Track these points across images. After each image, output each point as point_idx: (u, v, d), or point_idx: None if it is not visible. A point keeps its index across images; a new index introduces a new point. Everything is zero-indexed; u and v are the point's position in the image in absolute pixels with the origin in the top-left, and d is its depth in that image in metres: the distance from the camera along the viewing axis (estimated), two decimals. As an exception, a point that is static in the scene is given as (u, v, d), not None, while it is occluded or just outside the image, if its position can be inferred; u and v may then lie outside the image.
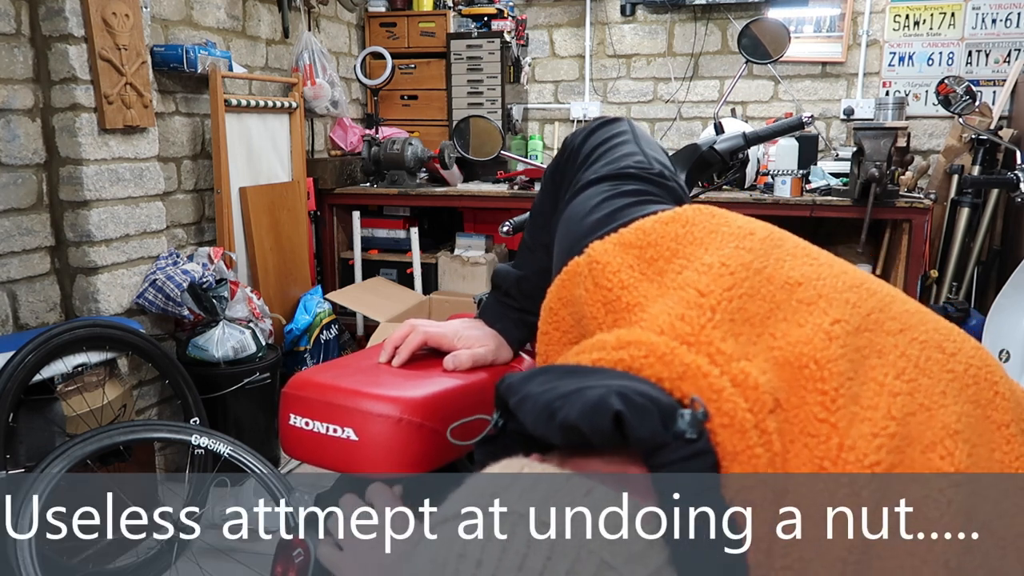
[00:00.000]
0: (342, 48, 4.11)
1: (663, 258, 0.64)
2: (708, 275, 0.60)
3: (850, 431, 0.51)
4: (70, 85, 2.28)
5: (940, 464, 0.51)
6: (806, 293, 0.59)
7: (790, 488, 0.50)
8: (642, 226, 0.67)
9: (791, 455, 0.51)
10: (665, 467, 0.49)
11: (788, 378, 0.53)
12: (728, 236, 0.64)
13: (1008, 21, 3.83)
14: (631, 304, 0.62)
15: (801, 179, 3.21)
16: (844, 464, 0.50)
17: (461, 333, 0.98)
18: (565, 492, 0.48)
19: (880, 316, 0.58)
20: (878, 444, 0.50)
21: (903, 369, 0.55)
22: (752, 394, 0.51)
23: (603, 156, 0.85)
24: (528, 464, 0.51)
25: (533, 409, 0.53)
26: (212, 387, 2.56)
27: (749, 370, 0.53)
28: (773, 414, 0.51)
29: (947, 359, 0.57)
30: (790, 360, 0.54)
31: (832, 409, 0.52)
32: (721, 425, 0.50)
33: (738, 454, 0.50)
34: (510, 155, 1.84)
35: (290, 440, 0.88)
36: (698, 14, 4.22)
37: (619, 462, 0.52)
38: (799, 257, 0.63)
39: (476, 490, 0.50)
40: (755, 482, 0.49)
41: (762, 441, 0.50)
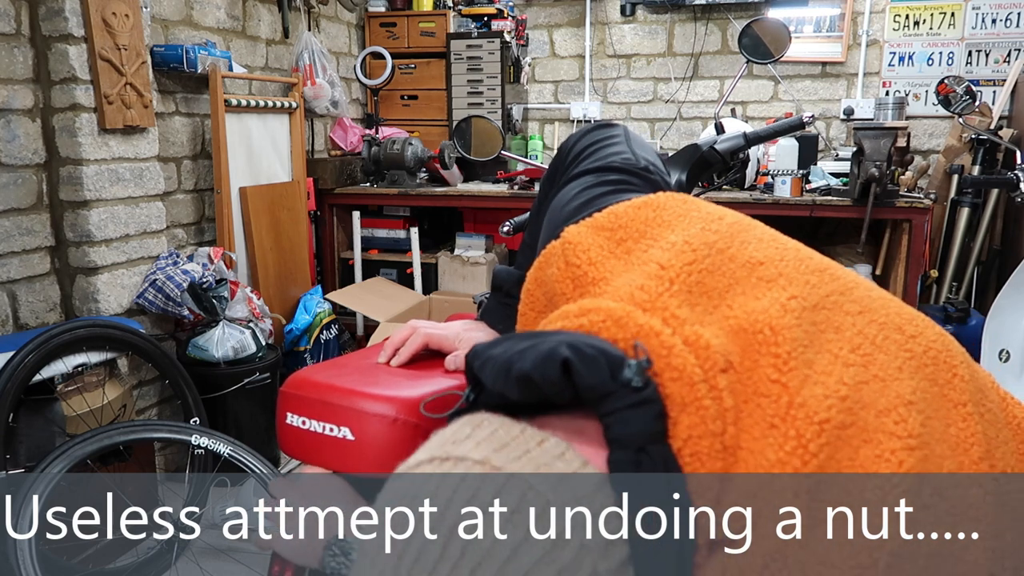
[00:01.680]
0: (342, 48, 4.11)
1: (631, 239, 0.67)
2: (671, 251, 0.62)
3: (801, 391, 0.52)
4: (70, 85, 2.29)
5: (893, 429, 0.51)
6: (767, 272, 0.60)
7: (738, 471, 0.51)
8: (615, 210, 0.70)
9: (743, 415, 0.52)
10: (612, 415, 0.50)
11: (742, 343, 0.54)
12: (697, 219, 0.66)
13: (1008, 21, 3.83)
14: (596, 279, 0.65)
15: (801, 179, 3.21)
16: (792, 420, 0.51)
17: (463, 335, 0.98)
18: (519, 441, 0.50)
19: (840, 298, 0.59)
20: (828, 404, 0.51)
21: (859, 345, 0.56)
22: (703, 353, 0.53)
23: (593, 155, 0.87)
24: (488, 417, 0.53)
25: (493, 368, 0.55)
26: (212, 387, 2.56)
27: (701, 332, 0.54)
28: (724, 373, 0.52)
29: (906, 340, 0.58)
30: (744, 327, 0.55)
31: (784, 371, 0.52)
32: (670, 379, 0.51)
33: (686, 405, 0.51)
34: (510, 155, 1.84)
35: (287, 439, 0.88)
36: (698, 14, 4.22)
37: (576, 420, 0.54)
38: (765, 241, 0.64)
39: (436, 440, 0.52)
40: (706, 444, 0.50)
41: (711, 395, 0.51)
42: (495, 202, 3.62)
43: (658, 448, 0.50)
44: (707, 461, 0.50)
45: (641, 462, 0.49)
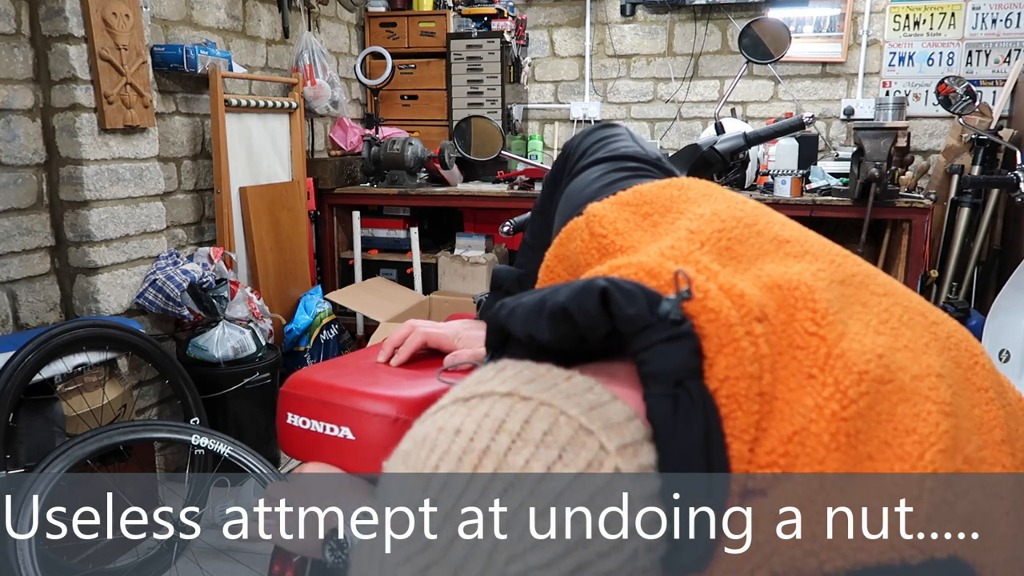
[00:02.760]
0: (342, 48, 4.11)
1: (657, 213, 0.67)
2: (699, 220, 0.62)
3: (840, 343, 0.51)
4: (70, 85, 2.29)
5: (928, 393, 0.51)
6: (794, 248, 0.60)
7: (778, 391, 0.50)
8: (639, 189, 0.70)
9: (779, 366, 0.51)
10: (649, 349, 0.50)
11: (777, 298, 0.54)
12: (722, 198, 0.67)
13: (1008, 21, 3.83)
14: (624, 247, 0.64)
15: (801, 179, 3.21)
16: (832, 369, 0.50)
17: (462, 333, 0.98)
18: (547, 377, 0.50)
19: (865, 279, 0.59)
20: (867, 359, 0.51)
21: (886, 319, 0.56)
22: (739, 300, 0.52)
23: (601, 148, 0.87)
24: (510, 361, 0.52)
25: (524, 311, 0.54)
26: (212, 387, 2.56)
27: (736, 282, 0.53)
28: (760, 323, 0.51)
29: (930, 324, 0.58)
30: (779, 284, 0.55)
31: (822, 324, 0.52)
32: (707, 320, 0.51)
33: (723, 346, 0.50)
34: (510, 155, 1.84)
35: (288, 439, 0.88)
36: (698, 14, 4.22)
37: (605, 366, 0.53)
38: (789, 225, 0.65)
39: (457, 386, 0.51)
40: (740, 373, 0.49)
41: (748, 338, 0.50)
42: (495, 202, 3.62)
43: (696, 384, 0.49)
44: (744, 403, 0.49)
45: (679, 396, 0.48)
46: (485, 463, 0.45)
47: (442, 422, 0.48)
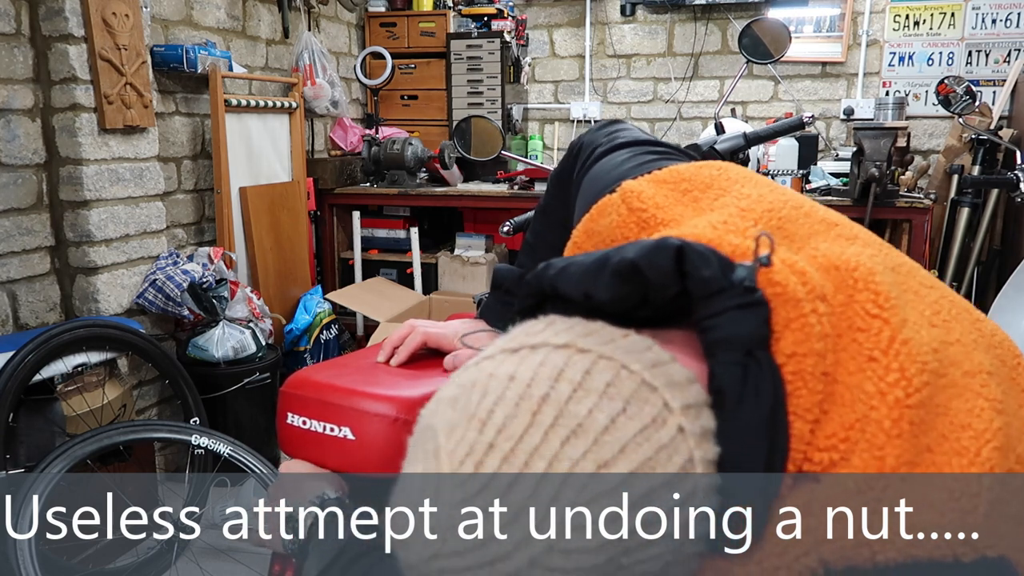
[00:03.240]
0: (342, 48, 4.11)
1: (697, 190, 0.65)
2: (747, 200, 0.60)
3: (903, 330, 0.50)
4: (70, 85, 2.28)
5: (980, 390, 0.50)
6: (844, 231, 0.59)
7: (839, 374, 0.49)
8: (675, 168, 0.68)
9: (839, 348, 0.50)
10: (720, 315, 0.48)
11: (835, 280, 0.52)
12: (763, 182, 0.65)
13: (1008, 21, 3.83)
14: (667, 220, 0.62)
15: (801, 179, 3.21)
16: (895, 355, 0.49)
17: (461, 333, 0.98)
18: (602, 332, 0.48)
19: (912, 269, 0.59)
20: (926, 349, 0.49)
21: (937, 311, 0.55)
22: (802, 277, 0.50)
23: (617, 139, 0.85)
24: (558, 316, 0.50)
25: (579, 269, 0.51)
26: (212, 387, 2.56)
27: (796, 259, 0.52)
28: (822, 301, 0.50)
29: (975, 320, 0.57)
30: (837, 265, 0.53)
31: (885, 307, 0.50)
32: (775, 293, 0.49)
33: (791, 321, 0.49)
34: (510, 155, 1.84)
35: (288, 439, 0.88)
36: (698, 14, 4.22)
37: (660, 331, 0.51)
38: (832, 211, 0.64)
39: (503, 338, 0.49)
40: (806, 349, 0.48)
41: (815, 315, 0.49)
42: (495, 202, 3.62)
43: (765, 355, 0.48)
44: (810, 382, 0.48)
45: (748, 366, 0.47)
46: (545, 409, 0.43)
47: (491, 368, 0.46)
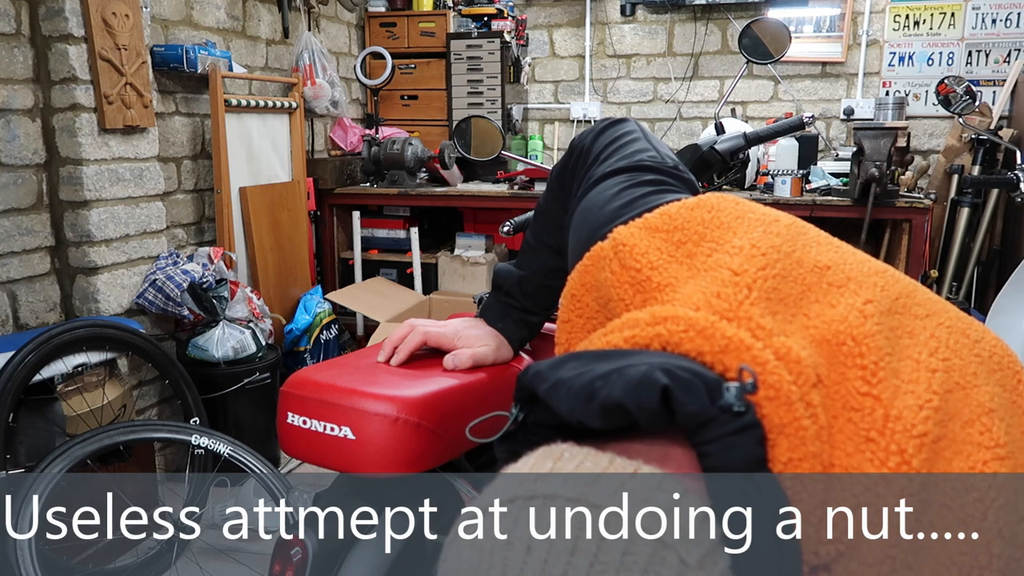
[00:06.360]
0: (342, 48, 4.11)
1: (691, 241, 0.64)
2: (740, 256, 0.59)
3: (895, 402, 0.50)
4: (70, 85, 2.28)
5: (980, 439, 0.50)
6: (835, 276, 0.59)
7: (839, 484, 0.49)
8: (667, 211, 0.67)
9: (836, 430, 0.50)
10: (712, 442, 0.48)
11: (827, 355, 0.53)
12: (755, 222, 0.64)
13: (1008, 21, 3.83)
14: (662, 284, 0.62)
15: (801, 179, 3.20)
16: (892, 434, 0.49)
17: (461, 332, 0.98)
18: (613, 478, 0.47)
19: (907, 301, 0.58)
20: (924, 416, 0.50)
21: (935, 349, 0.55)
22: (795, 367, 0.50)
23: (615, 152, 0.84)
24: (567, 448, 0.49)
25: (568, 393, 0.51)
26: (212, 387, 2.56)
27: (791, 344, 0.52)
28: (816, 388, 0.51)
29: (972, 344, 0.57)
30: (827, 338, 0.53)
31: (873, 383, 0.51)
32: (767, 398, 0.49)
33: (785, 426, 0.49)
34: (510, 155, 1.84)
35: (288, 439, 0.88)
36: (698, 14, 4.22)
37: (659, 446, 0.51)
38: (823, 244, 0.64)
39: (512, 478, 0.48)
40: (806, 475, 0.48)
41: (808, 413, 0.49)
42: (495, 202, 3.62)
43: (765, 478, 0.48)
44: (808, 485, 0.48)
45: (748, 492, 0.47)
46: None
47: (508, 530, 0.44)
